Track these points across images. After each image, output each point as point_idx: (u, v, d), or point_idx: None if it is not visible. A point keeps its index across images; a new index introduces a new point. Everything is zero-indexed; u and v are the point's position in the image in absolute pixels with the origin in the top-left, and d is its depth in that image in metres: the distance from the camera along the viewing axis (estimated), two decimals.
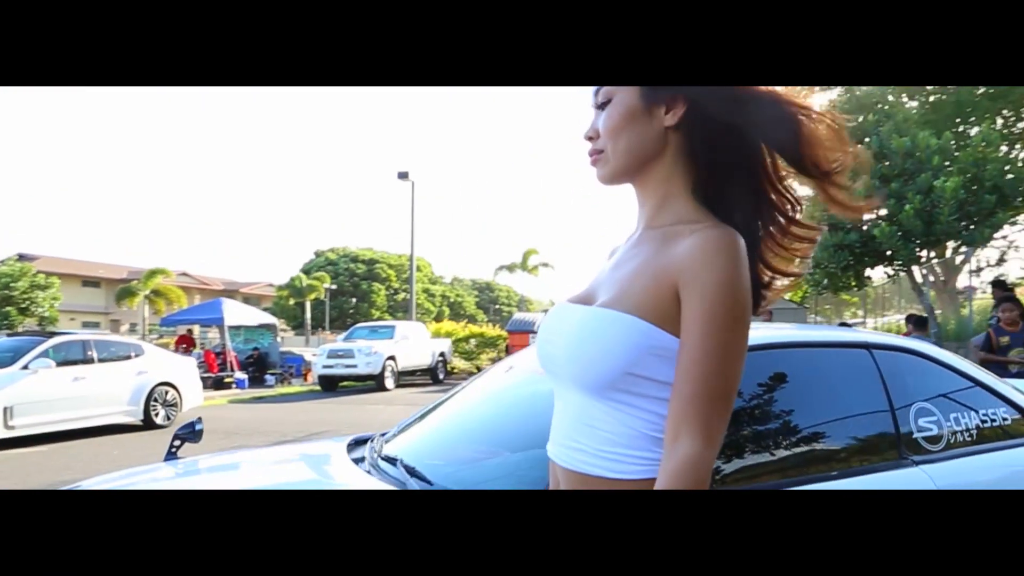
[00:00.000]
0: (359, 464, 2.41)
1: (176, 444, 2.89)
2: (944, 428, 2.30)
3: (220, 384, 17.73)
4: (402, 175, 23.45)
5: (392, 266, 45.72)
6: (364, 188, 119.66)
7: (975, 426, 2.37)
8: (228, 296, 31.80)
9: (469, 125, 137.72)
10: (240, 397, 15.54)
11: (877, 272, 13.14)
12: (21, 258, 29.09)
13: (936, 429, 2.28)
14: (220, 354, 19.14)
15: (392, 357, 16.84)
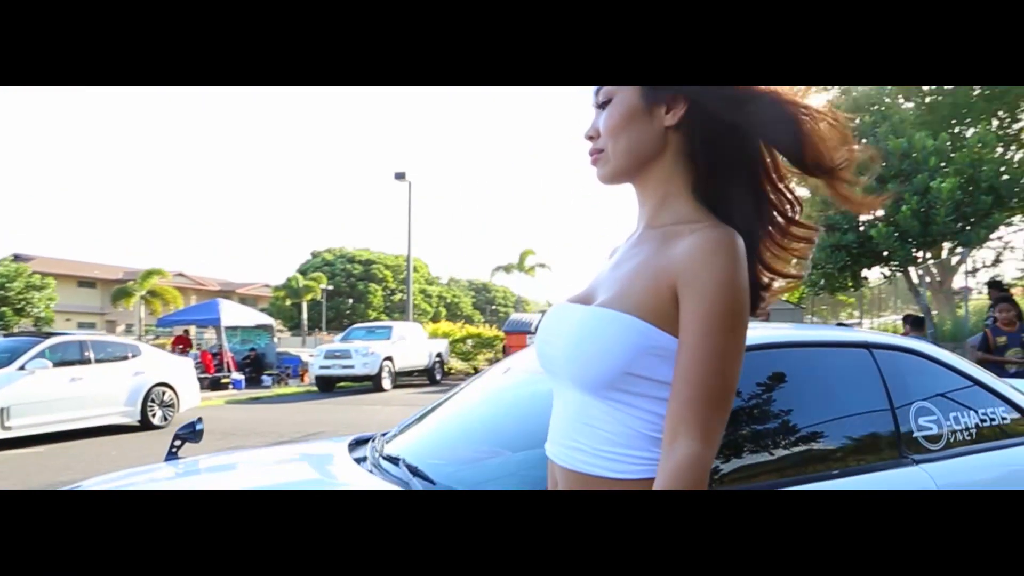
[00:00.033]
0: (361, 464, 2.41)
1: (177, 444, 2.89)
2: (944, 427, 2.31)
3: (217, 385, 17.71)
4: (399, 176, 23.43)
5: (389, 267, 45.66)
6: (361, 189, 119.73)
7: (975, 425, 2.38)
8: (224, 297, 31.72)
9: (466, 125, 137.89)
10: (237, 398, 15.51)
11: (874, 273, 13.20)
12: (16, 258, 28.97)
13: (936, 428, 2.29)
14: (217, 355, 19.11)
15: (389, 358, 16.83)
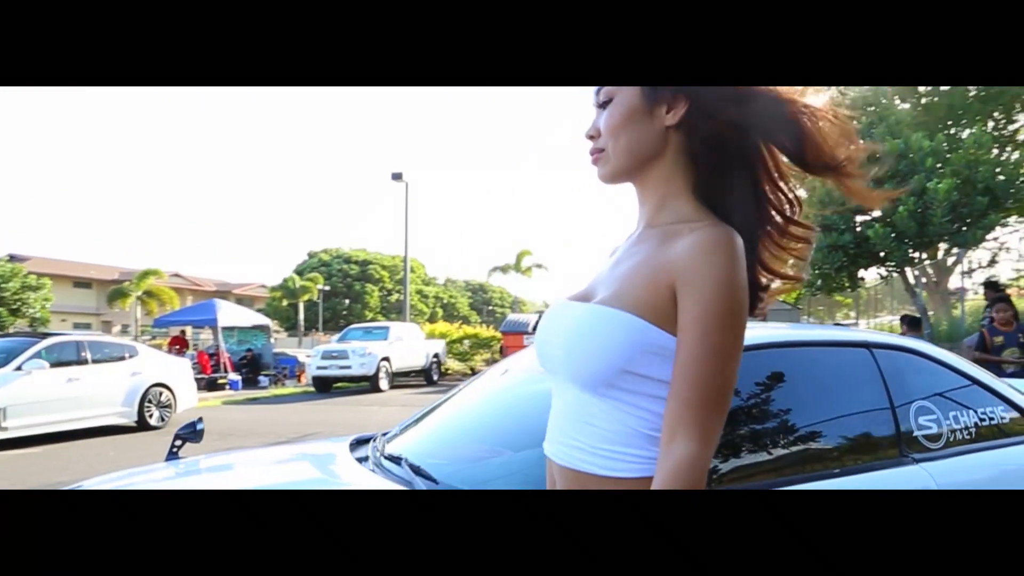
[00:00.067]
0: (363, 463, 2.41)
1: (177, 444, 2.89)
2: (944, 426, 2.32)
3: (214, 385, 17.67)
4: (396, 176, 23.40)
5: (385, 267, 45.61)
6: (357, 189, 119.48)
7: (974, 424, 2.39)
8: (221, 297, 31.62)
9: (464, 126, 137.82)
10: (234, 398, 15.48)
11: (871, 273, 13.23)
12: (12, 259, 28.82)
13: (936, 427, 2.30)
14: (214, 355, 19.07)
15: (386, 358, 16.80)
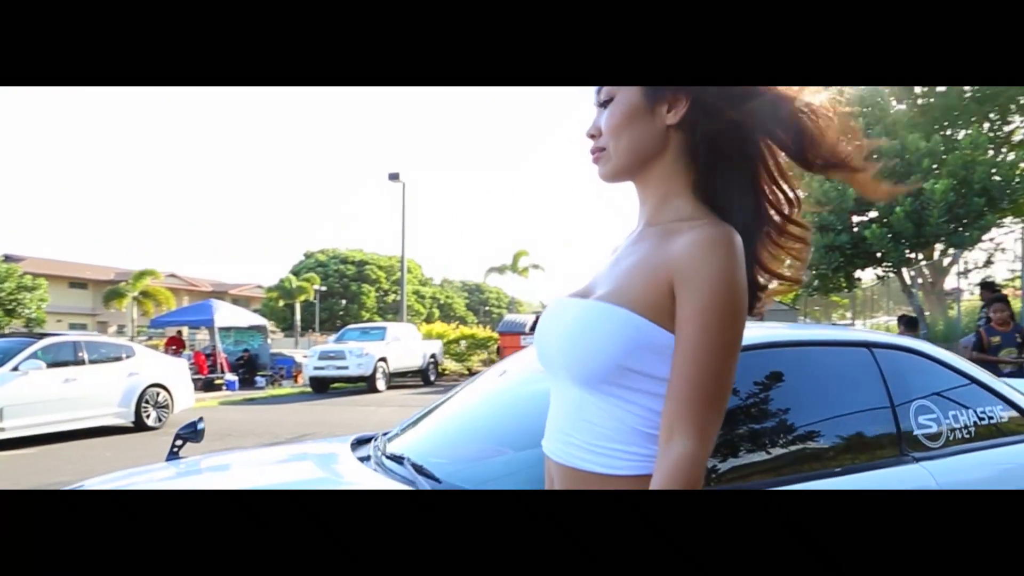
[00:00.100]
0: (365, 463, 2.42)
1: (178, 444, 2.89)
2: (943, 425, 2.33)
3: (210, 386, 17.64)
4: (393, 176, 23.38)
5: (382, 267, 45.59)
6: (354, 189, 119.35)
7: (973, 423, 2.40)
8: (217, 298, 31.59)
9: (460, 126, 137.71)
10: (231, 399, 15.46)
11: (867, 274, 13.26)
12: (7, 259, 28.75)
13: (936, 426, 2.32)
14: (210, 356, 19.05)
15: (383, 359, 16.79)
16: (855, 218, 11.40)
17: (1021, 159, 12.51)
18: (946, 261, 14.33)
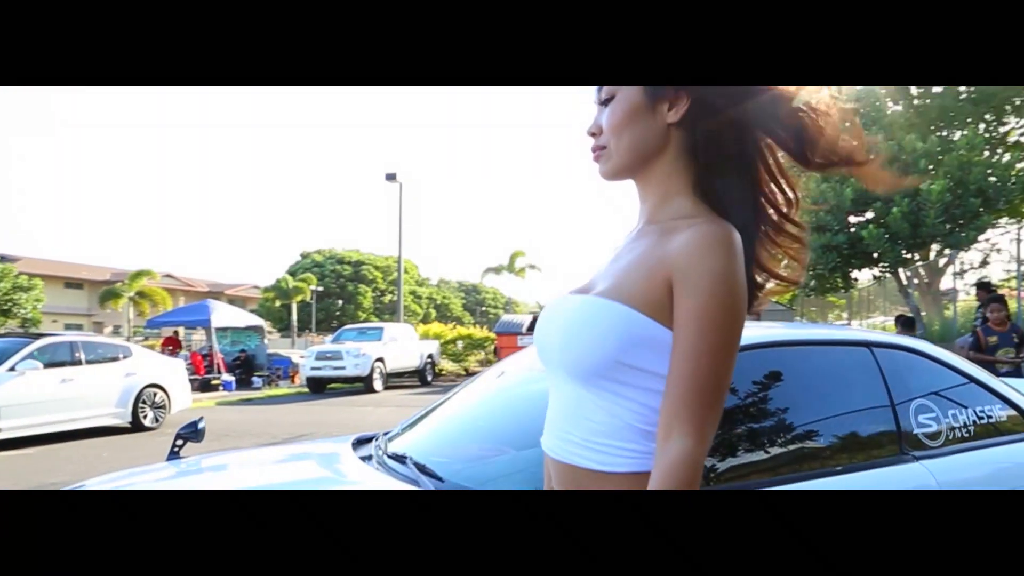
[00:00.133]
0: (367, 462, 2.42)
1: (179, 444, 2.89)
2: (943, 424, 2.34)
3: (207, 386, 17.61)
4: (390, 176, 23.37)
5: (379, 268, 45.55)
6: (350, 189, 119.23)
7: (973, 422, 2.42)
8: (213, 298, 31.55)
9: (458, 126, 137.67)
10: (228, 399, 15.44)
11: (864, 274, 13.30)
12: (2, 259, 28.62)
13: (935, 425, 2.33)
14: (207, 356, 19.02)
15: (380, 359, 16.79)
16: (852, 218, 11.44)
17: (1017, 160, 12.55)
18: (942, 262, 14.37)
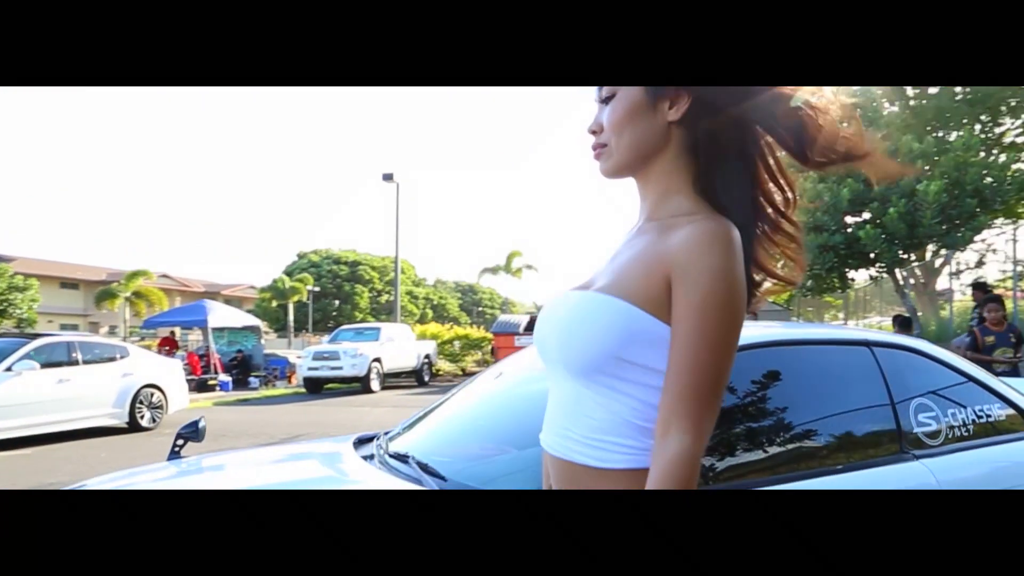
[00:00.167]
0: (369, 461, 2.42)
1: (179, 443, 2.88)
2: (942, 423, 2.35)
3: (204, 386, 17.58)
4: (387, 177, 23.34)
5: (375, 268, 45.46)
6: (347, 189, 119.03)
7: (972, 421, 2.43)
8: (210, 298, 31.46)
9: (455, 126, 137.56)
10: (225, 399, 15.41)
11: (861, 274, 13.33)
12: None
13: (935, 424, 2.34)
14: (204, 356, 18.98)
15: (378, 359, 16.77)
16: (849, 219, 11.47)
17: (1012, 161, 12.60)
18: (938, 262, 14.42)
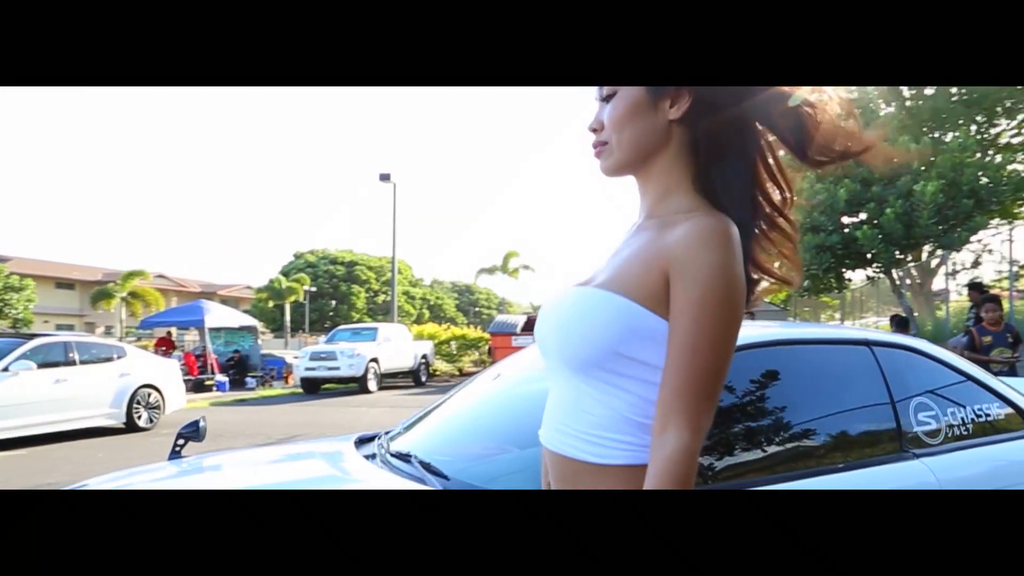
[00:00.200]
0: (371, 460, 2.42)
1: (180, 443, 2.88)
2: (942, 422, 2.37)
3: (201, 387, 17.55)
4: (384, 177, 23.32)
5: (372, 268, 45.37)
6: (343, 190, 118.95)
7: (971, 420, 2.44)
8: (206, 298, 31.43)
9: (452, 127, 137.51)
10: (222, 400, 15.39)
11: (857, 274, 13.36)
12: None
13: (935, 423, 2.35)
14: (200, 356, 18.95)
15: (375, 359, 16.75)
16: (846, 219, 11.49)
17: (1008, 161, 12.65)
18: (934, 262, 14.46)
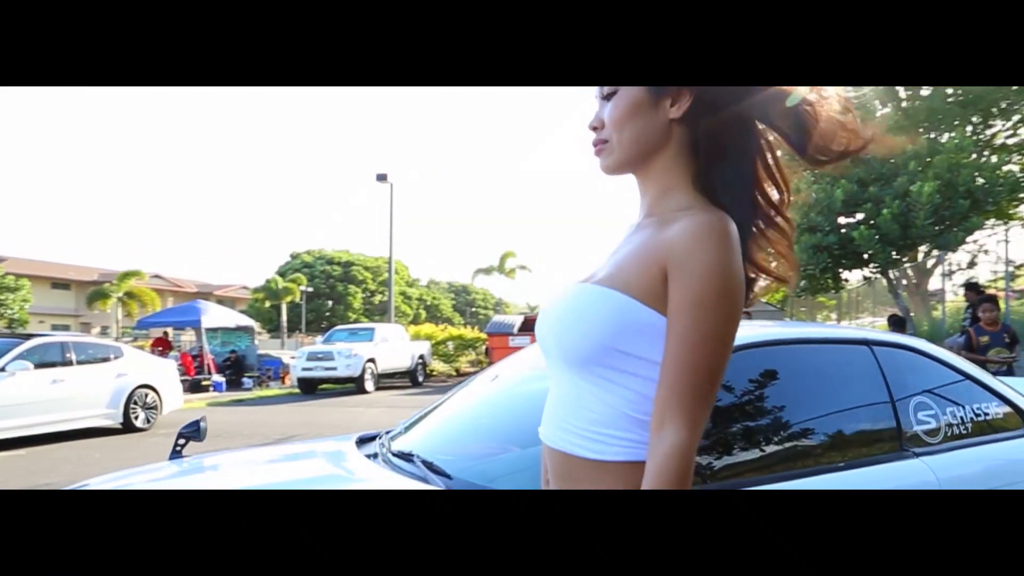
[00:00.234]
0: (373, 460, 2.43)
1: (181, 443, 2.88)
2: (942, 421, 2.38)
3: (197, 387, 17.52)
4: (381, 177, 23.32)
5: (368, 268, 45.32)
6: (340, 190, 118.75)
7: (970, 419, 2.45)
8: (202, 298, 31.35)
9: (449, 127, 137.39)
10: (219, 400, 15.36)
11: (854, 275, 13.38)
12: None
13: (934, 422, 2.36)
14: (197, 356, 18.92)
15: (372, 359, 16.73)
16: (842, 219, 11.52)
17: (1004, 162, 12.70)
18: (930, 263, 14.50)
